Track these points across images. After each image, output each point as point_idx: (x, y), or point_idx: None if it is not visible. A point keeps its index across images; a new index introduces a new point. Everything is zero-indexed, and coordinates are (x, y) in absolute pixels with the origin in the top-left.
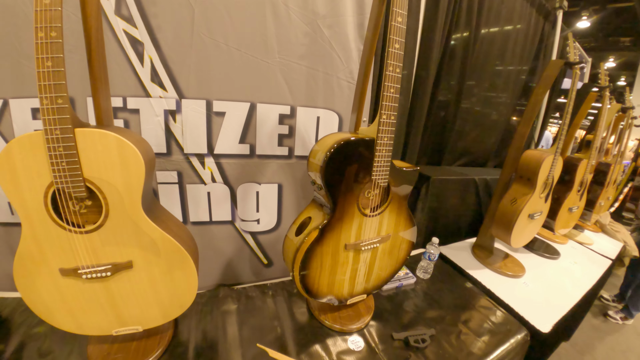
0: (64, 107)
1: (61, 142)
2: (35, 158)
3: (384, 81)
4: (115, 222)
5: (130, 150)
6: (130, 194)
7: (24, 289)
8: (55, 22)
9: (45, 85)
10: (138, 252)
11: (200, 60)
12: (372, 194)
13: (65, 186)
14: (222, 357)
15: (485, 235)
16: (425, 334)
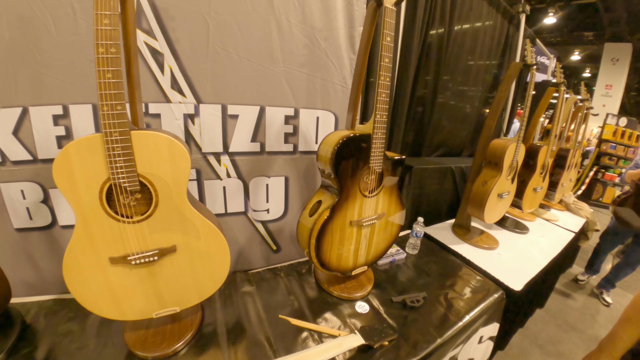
0: (122, 112)
1: (119, 142)
2: (93, 158)
3: (377, 88)
4: (163, 212)
5: (179, 148)
6: (177, 186)
7: (73, 281)
8: (114, 39)
9: (105, 94)
10: (181, 237)
11: (215, 69)
12: (370, 179)
13: (121, 181)
14: (250, 330)
15: (463, 215)
16: (418, 296)
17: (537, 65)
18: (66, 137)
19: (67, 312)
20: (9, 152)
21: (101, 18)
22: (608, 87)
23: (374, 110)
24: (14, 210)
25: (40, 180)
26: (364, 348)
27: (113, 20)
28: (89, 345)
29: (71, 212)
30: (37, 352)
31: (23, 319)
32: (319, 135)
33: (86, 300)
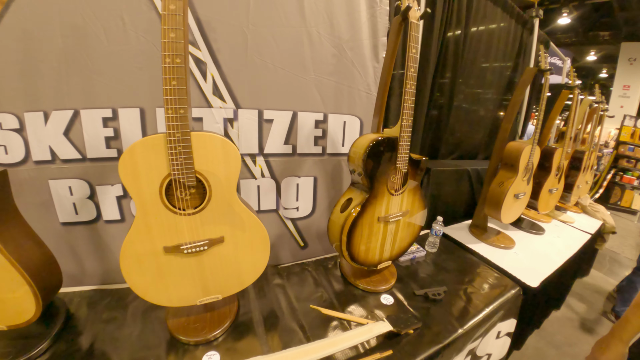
0: (184, 115)
1: (180, 142)
2: (156, 155)
3: (403, 95)
4: (215, 205)
5: (232, 148)
6: (228, 182)
7: (128, 268)
8: (179, 51)
9: (170, 99)
10: (229, 229)
11: (252, 77)
12: (396, 178)
13: (181, 177)
14: (284, 319)
15: (480, 216)
16: (440, 290)
17: (551, 71)
18: (114, 138)
19: (109, 301)
20: (59, 151)
21: (168, 32)
22: (626, 87)
23: (400, 116)
24: (60, 205)
25: (87, 177)
26: (391, 335)
27: (178, 34)
28: (132, 331)
29: (115, 208)
30: (81, 338)
31: (67, 308)
32: (346, 138)
33: (138, 287)
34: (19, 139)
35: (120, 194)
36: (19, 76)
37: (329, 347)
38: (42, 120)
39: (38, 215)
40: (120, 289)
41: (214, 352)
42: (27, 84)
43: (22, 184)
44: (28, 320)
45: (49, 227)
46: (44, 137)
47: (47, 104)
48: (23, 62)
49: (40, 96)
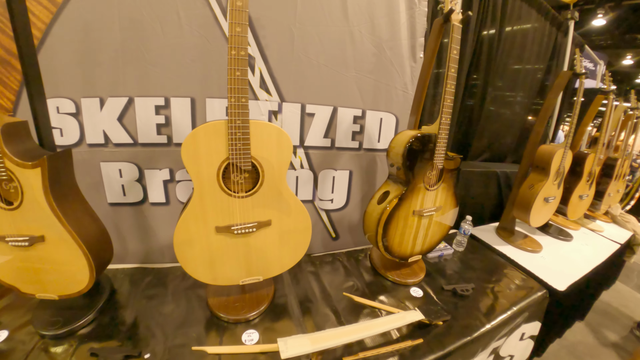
0: (245, 104)
1: (240, 129)
2: (217, 140)
3: (443, 94)
4: (266, 189)
5: (285, 137)
6: (280, 169)
7: (181, 245)
8: (243, 44)
9: (233, 88)
10: (276, 213)
11: (297, 72)
12: (432, 174)
13: (238, 161)
14: (318, 303)
15: (508, 218)
16: (468, 286)
17: (586, 75)
18: (165, 125)
19: (151, 279)
20: (112, 136)
21: (235, 27)
22: None
23: (439, 114)
24: (110, 186)
25: (137, 161)
26: (421, 324)
27: (243, 29)
28: (173, 308)
29: (161, 192)
30: (125, 312)
31: (111, 283)
32: (382, 135)
33: (188, 264)
34: (74, 122)
35: (167, 178)
36: (77, 64)
37: (366, 330)
38: (97, 106)
39: (88, 196)
40: (161, 269)
41: (253, 331)
42: (85, 71)
43: (76, 165)
44: (80, 290)
45: (97, 207)
46: (99, 122)
47: (103, 91)
48: (82, 51)
49: (97, 83)
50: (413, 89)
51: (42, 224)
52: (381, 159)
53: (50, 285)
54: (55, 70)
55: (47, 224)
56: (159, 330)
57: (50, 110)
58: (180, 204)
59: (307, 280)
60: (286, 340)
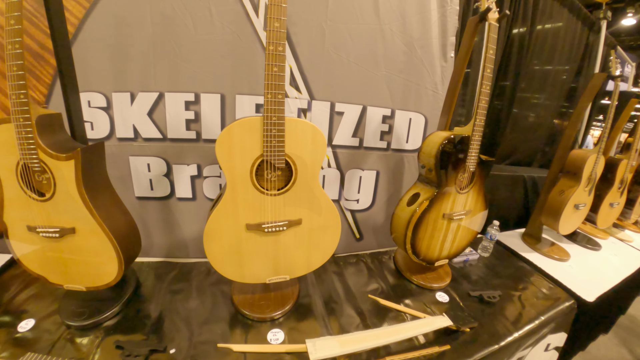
0: (282, 100)
1: (276, 125)
2: (251, 136)
3: (478, 95)
4: (298, 188)
5: (320, 135)
6: (313, 167)
7: (211, 241)
8: (281, 39)
9: (270, 84)
10: (307, 212)
11: (327, 70)
12: (464, 176)
13: (272, 158)
14: (343, 305)
15: (534, 225)
16: (494, 293)
17: (622, 77)
18: (194, 121)
19: (176, 274)
20: (142, 130)
21: (273, 22)
22: None
23: (474, 115)
24: (138, 180)
25: (166, 156)
26: (448, 331)
27: (282, 24)
28: (197, 304)
29: (188, 187)
30: (150, 306)
31: (137, 276)
32: (410, 135)
33: (216, 260)
34: (105, 116)
35: (194, 174)
36: (109, 59)
37: (394, 334)
38: (128, 101)
39: (116, 189)
40: (185, 263)
41: (278, 330)
42: (116, 66)
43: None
44: (108, 283)
45: (125, 200)
46: (129, 116)
47: (134, 86)
48: (114, 46)
49: (128, 78)
50: (443, 89)
51: (74, 216)
52: (409, 160)
53: (79, 277)
54: (87, 65)
55: (78, 216)
56: (184, 326)
57: (82, 104)
58: (206, 200)
59: (331, 280)
60: (315, 341)
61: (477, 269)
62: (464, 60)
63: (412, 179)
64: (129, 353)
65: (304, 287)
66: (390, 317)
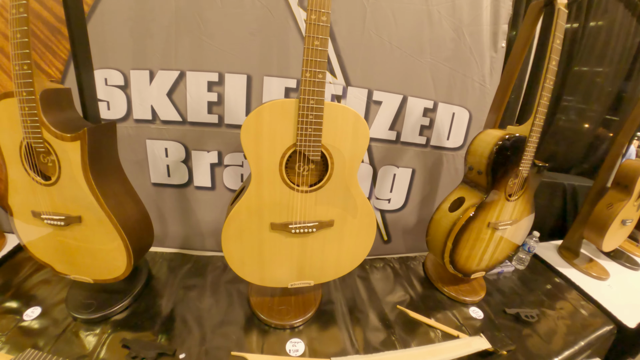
0: (322, 81)
1: (314, 110)
2: (283, 122)
3: (540, 90)
4: (333, 185)
5: (363, 124)
6: (352, 162)
7: (229, 238)
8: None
9: (310, 60)
10: (341, 212)
11: (367, 54)
12: (514, 182)
13: (306, 149)
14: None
15: (573, 238)
16: (532, 312)
17: None
18: (217, 104)
19: (190, 268)
20: (161, 112)
21: None
22: None
23: (533, 114)
24: (155, 166)
25: (185, 141)
26: (483, 353)
27: None
28: (212, 302)
29: (207, 175)
30: (162, 300)
31: (149, 268)
32: (452, 132)
33: (234, 260)
34: (122, 96)
35: (214, 162)
36: (128, 34)
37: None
38: (147, 79)
39: (132, 173)
40: (201, 256)
41: (298, 340)
42: (136, 42)
43: (121, 141)
44: (116, 277)
45: (140, 186)
46: (147, 96)
47: (154, 64)
48: (134, 20)
49: (147, 55)
50: (491, 83)
51: (80, 203)
52: (448, 159)
53: (86, 268)
54: (105, 40)
55: (84, 204)
56: (196, 327)
57: (98, 81)
58: (226, 190)
59: (356, 285)
60: None
61: (511, 282)
62: (522, 51)
63: (450, 180)
64: (135, 355)
65: (326, 291)
66: (420, 333)
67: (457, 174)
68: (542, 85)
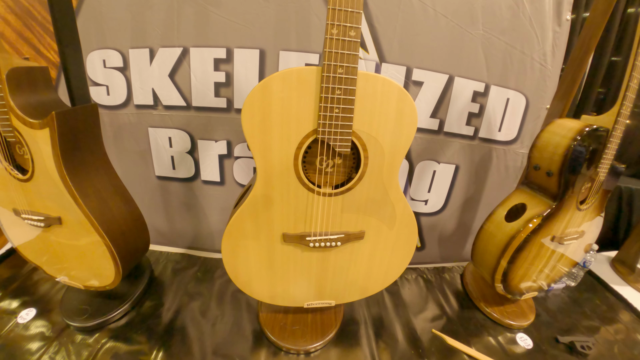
0: (356, 41)
1: (343, 83)
2: (300, 100)
3: (629, 72)
4: (366, 186)
5: (410, 105)
6: (393, 157)
7: (231, 251)
8: None
9: (338, 10)
10: (374, 222)
11: (406, 23)
12: (586, 187)
13: (331, 138)
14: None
15: (630, 251)
16: (588, 341)
17: None
18: (225, 85)
19: (196, 272)
20: (163, 96)
21: None
22: None
23: (620, 100)
24: (158, 157)
25: (190, 129)
26: None
27: None
28: (217, 315)
29: (216, 169)
30: (163, 309)
31: (151, 269)
32: (505, 121)
33: (239, 277)
34: (122, 79)
35: (223, 153)
36: (126, 7)
37: None
38: (147, 59)
39: (134, 165)
40: (208, 259)
41: None
42: (134, 16)
43: (122, 129)
44: (105, 286)
45: (144, 179)
46: (148, 78)
47: (154, 40)
48: None
49: (147, 31)
50: (553, 63)
51: (57, 202)
52: (498, 155)
53: (74, 273)
54: (102, 16)
55: (61, 203)
56: (196, 345)
57: (97, 64)
58: (237, 185)
59: (384, 301)
60: None
61: (561, 301)
62: (599, 24)
63: (499, 180)
64: None
65: (348, 308)
66: None
67: (508, 172)
68: (632, 64)
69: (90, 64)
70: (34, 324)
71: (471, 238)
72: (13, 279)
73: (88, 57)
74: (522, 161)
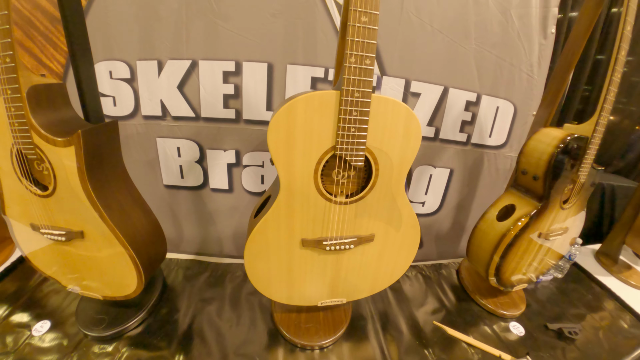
0: (370, 69)
1: (359, 105)
2: (321, 120)
3: (607, 84)
4: (377, 195)
5: (415, 123)
6: (400, 168)
7: (253, 257)
8: None
9: (356, 42)
10: (383, 226)
11: (405, 38)
12: (569, 188)
13: (347, 153)
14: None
15: (613, 243)
16: (575, 327)
17: None
18: (234, 97)
19: (208, 277)
20: (171, 107)
21: None
22: None
23: (598, 111)
24: (167, 166)
25: (199, 139)
26: None
27: None
28: (232, 317)
29: (224, 177)
30: (179, 315)
31: (164, 277)
32: (495, 128)
33: (260, 280)
34: (129, 90)
35: (232, 162)
36: (134, 19)
37: None
38: (155, 71)
39: (143, 175)
40: (219, 264)
41: None
42: (142, 28)
43: (130, 140)
44: (127, 295)
45: (152, 188)
46: (156, 90)
47: (162, 53)
48: (139, 3)
49: (155, 43)
50: (539, 73)
51: (80, 216)
52: (489, 158)
53: (94, 284)
54: (109, 27)
55: (85, 217)
56: (215, 346)
57: (103, 75)
58: (245, 193)
59: (388, 297)
60: None
61: (549, 292)
62: (582, 37)
63: (490, 181)
64: None
65: (355, 305)
66: (461, 351)
67: (498, 174)
68: (609, 79)
69: (96, 75)
70: (50, 336)
71: (465, 236)
72: (21, 291)
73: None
74: (511, 164)
